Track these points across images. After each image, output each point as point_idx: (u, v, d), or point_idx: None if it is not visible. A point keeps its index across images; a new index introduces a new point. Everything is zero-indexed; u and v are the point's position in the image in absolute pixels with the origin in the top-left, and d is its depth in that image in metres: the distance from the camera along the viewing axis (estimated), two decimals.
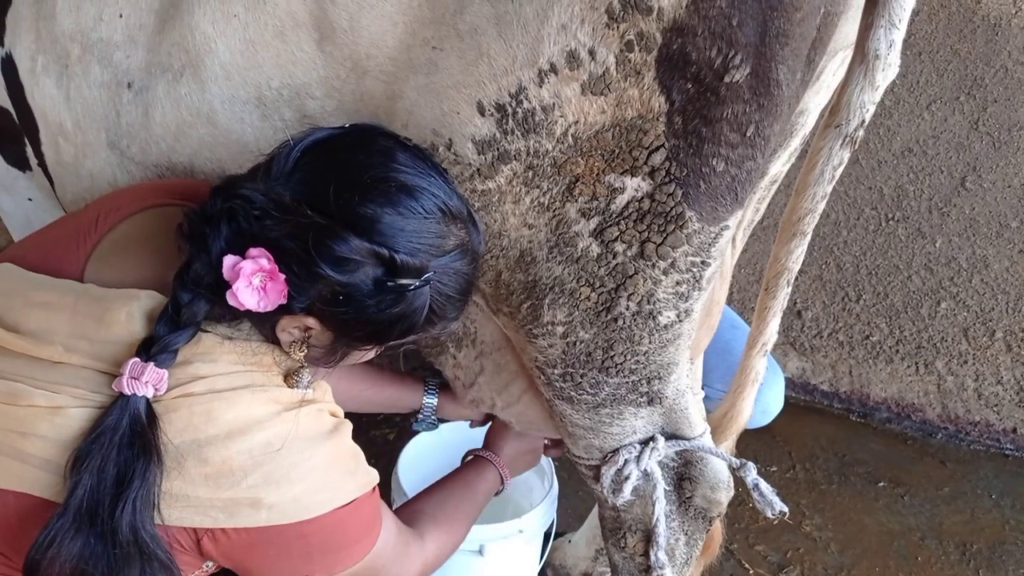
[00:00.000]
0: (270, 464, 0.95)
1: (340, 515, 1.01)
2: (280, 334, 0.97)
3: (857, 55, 1.06)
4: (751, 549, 2.20)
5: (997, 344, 2.56)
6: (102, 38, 1.20)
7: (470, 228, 0.99)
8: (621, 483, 1.30)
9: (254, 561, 1.01)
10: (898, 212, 2.56)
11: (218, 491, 0.94)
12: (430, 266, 0.93)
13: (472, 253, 1.00)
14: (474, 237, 1.00)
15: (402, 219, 0.91)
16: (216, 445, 0.93)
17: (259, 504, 0.95)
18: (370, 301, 0.92)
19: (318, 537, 1.00)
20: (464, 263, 0.98)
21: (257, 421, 0.95)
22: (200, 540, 0.97)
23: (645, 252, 1.05)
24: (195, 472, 0.93)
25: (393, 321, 0.95)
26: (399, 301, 0.92)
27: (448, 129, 1.02)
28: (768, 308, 1.32)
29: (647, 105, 0.95)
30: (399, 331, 0.97)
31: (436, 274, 0.94)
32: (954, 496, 2.44)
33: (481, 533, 1.62)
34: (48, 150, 1.32)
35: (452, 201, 0.96)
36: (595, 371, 1.18)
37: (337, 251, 0.88)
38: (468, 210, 0.99)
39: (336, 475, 1.02)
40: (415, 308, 0.95)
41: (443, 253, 0.95)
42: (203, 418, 0.93)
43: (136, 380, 0.90)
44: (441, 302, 0.97)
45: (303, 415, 0.99)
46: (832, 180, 1.17)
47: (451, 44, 0.99)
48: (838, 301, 2.71)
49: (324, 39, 1.06)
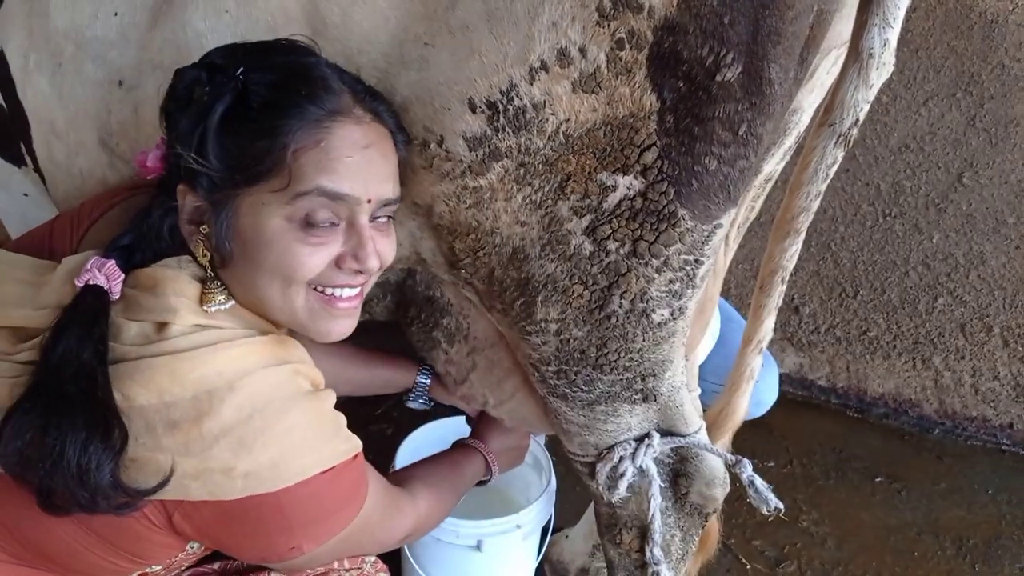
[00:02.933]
0: (242, 427, 0.92)
1: (319, 483, 0.97)
2: (187, 237, 0.99)
3: (851, 54, 1.06)
4: (748, 544, 2.20)
5: (994, 340, 2.57)
6: (97, 36, 1.20)
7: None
8: (616, 480, 1.30)
9: (232, 538, 0.99)
10: (895, 208, 2.55)
11: (189, 458, 0.90)
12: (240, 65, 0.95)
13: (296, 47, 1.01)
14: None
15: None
16: (184, 407, 0.90)
17: (233, 472, 0.91)
18: (187, 107, 0.94)
19: (296, 508, 0.96)
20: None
21: (227, 381, 0.92)
22: (171, 516, 0.95)
23: (638, 250, 1.05)
24: (165, 439, 0.90)
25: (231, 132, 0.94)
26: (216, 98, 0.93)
27: (439, 126, 1.02)
28: (763, 306, 1.32)
29: (638, 103, 0.95)
30: (258, 147, 0.93)
31: (248, 70, 0.94)
32: (951, 491, 2.44)
33: (479, 528, 1.62)
34: (40, 148, 1.32)
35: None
36: (589, 368, 1.18)
37: (179, 85, 0.96)
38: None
39: (314, 439, 0.98)
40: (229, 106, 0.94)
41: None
42: (167, 378, 0.90)
43: (96, 272, 0.94)
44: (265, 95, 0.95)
45: (278, 373, 0.97)
46: (826, 179, 1.17)
47: (443, 40, 0.98)
48: (835, 297, 2.71)
49: (316, 34, 1.05)
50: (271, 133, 0.92)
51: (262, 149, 0.92)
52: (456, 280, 1.21)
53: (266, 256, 0.95)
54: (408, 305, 1.37)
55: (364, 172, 0.96)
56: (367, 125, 0.98)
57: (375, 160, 0.98)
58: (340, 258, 0.99)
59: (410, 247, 1.21)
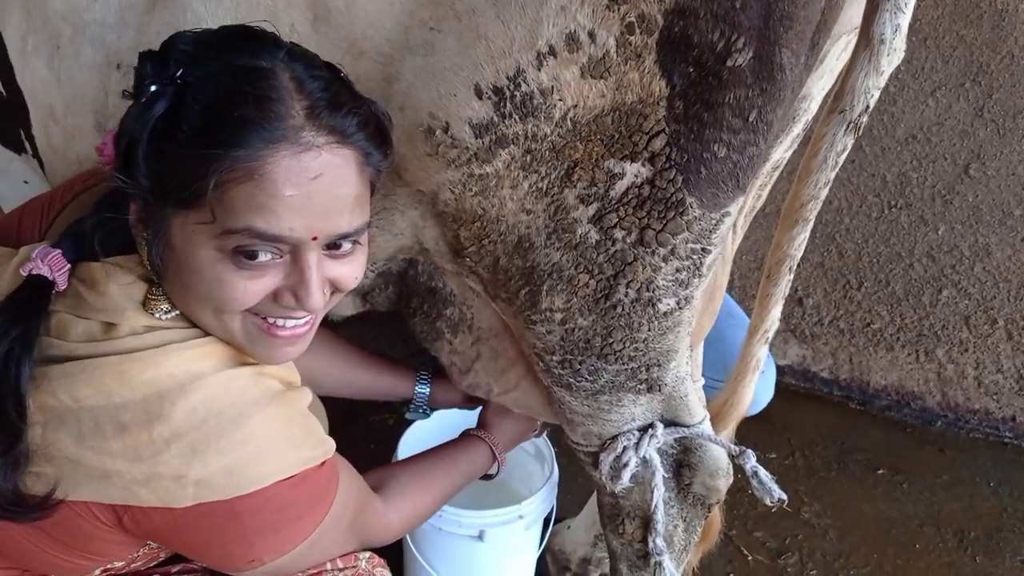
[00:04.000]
0: (195, 433, 0.86)
1: (278, 490, 0.91)
2: (135, 237, 0.93)
3: (862, 39, 1.04)
4: (750, 535, 2.20)
5: (998, 332, 2.56)
6: (95, 19, 1.18)
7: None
8: (620, 470, 1.29)
9: (185, 546, 0.95)
10: (901, 199, 2.54)
11: (137, 463, 0.85)
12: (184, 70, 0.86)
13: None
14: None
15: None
16: (133, 410, 0.85)
17: (183, 479, 0.86)
18: (139, 116, 0.86)
19: (253, 518, 0.91)
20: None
21: (179, 384, 0.87)
22: (121, 519, 0.90)
23: (644, 239, 1.04)
24: (114, 442, 0.85)
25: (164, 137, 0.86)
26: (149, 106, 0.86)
27: (445, 112, 1.01)
28: (770, 295, 1.31)
29: (647, 89, 0.93)
30: (192, 151, 0.83)
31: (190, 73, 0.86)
32: (953, 484, 2.44)
33: (481, 519, 1.62)
34: (38, 133, 1.31)
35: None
36: (594, 358, 1.17)
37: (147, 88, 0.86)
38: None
39: (277, 446, 0.92)
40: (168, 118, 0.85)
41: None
42: (115, 380, 0.86)
43: (39, 262, 0.90)
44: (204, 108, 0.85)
45: (236, 377, 0.91)
46: (835, 166, 1.15)
47: (449, 25, 0.97)
48: (839, 288, 2.70)
49: (318, 19, 1.04)
50: (197, 160, 0.82)
51: (187, 175, 0.82)
52: (460, 269, 1.20)
53: (196, 283, 0.88)
54: (410, 295, 1.36)
55: (309, 208, 0.84)
56: (318, 150, 0.85)
57: (325, 192, 0.85)
58: (278, 292, 0.89)
59: (412, 236, 1.20)
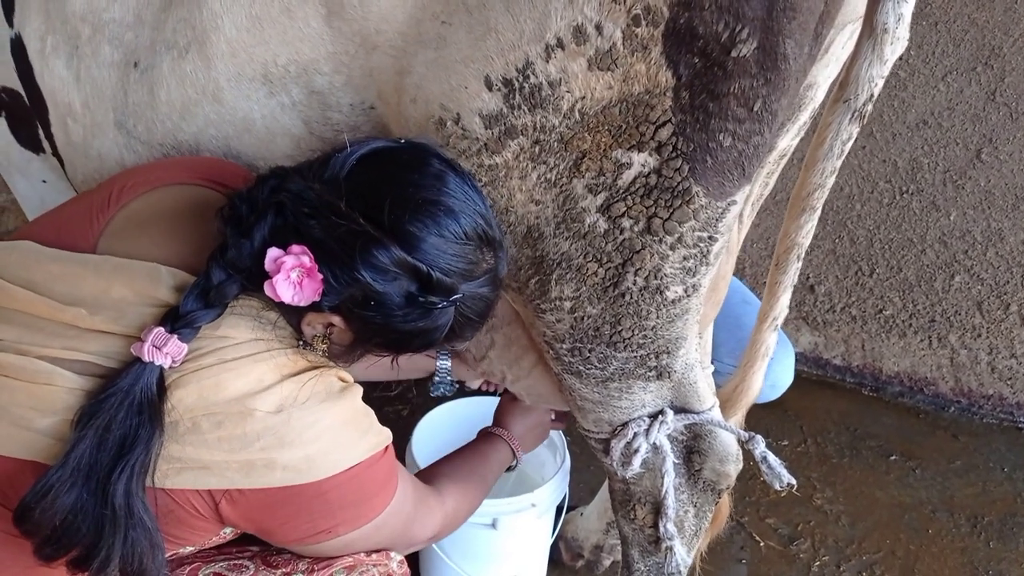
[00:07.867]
0: (282, 427, 0.98)
1: (354, 472, 1.04)
2: (304, 327, 1.02)
3: (865, 29, 1.05)
4: (762, 522, 2.21)
5: (1011, 318, 2.55)
6: (114, 18, 1.21)
7: (500, 256, 1.03)
8: (630, 456, 1.31)
9: (274, 521, 1.03)
10: (912, 185, 2.53)
11: (232, 454, 0.96)
12: (460, 288, 0.98)
13: (497, 280, 1.05)
14: (501, 265, 1.04)
15: (444, 241, 0.96)
16: (228, 410, 0.96)
17: (273, 464, 0.98)
18: (398, 312, 0.97)
19: (335, 494, 1.03)
20: (489, 289, 1.03)
21: (266, 387, 0.98)
22: (218, 503, 0.99)
23: (652, 227, 1.06)
24: (210, 436, 0.96)
25: (414, 334, 1.00)
26: (425, 316, 0.98)
27: (456, 103, 1.03)
28: (779, 283, 1.32)
29: (654, 80, 0.95)
30: (417, 344, 1.03)
31: (464, 296, 0.99)
32: (966, 469, 2.44)
33: (494, 507, 1.64)
34: (57, 131, 1.33)
35: (491, 229, 1.01)
36: (603, 346, 1.19)
37: (380, 260, 0.93)
38: (501, 238, 1.04)
39: (347, 435, 1.04)
40: (438, 325, 1.00)
41: (473, 278, 1.00)
42: (212, 389, 0.96)
43: (157, 350, 0.93)
44: (462, 322, 1.03)
45: (310, 379, 1.02)
46: (841, 155, 1.16)
47: (460, 18, 0.98)
48: (851, 275, 2.69)
49: (332, 14, 1.05)
50: (448, 341, 1.05)
51: (433, 342, 1.03)
52: None
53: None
54: None
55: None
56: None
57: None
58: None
59: None
